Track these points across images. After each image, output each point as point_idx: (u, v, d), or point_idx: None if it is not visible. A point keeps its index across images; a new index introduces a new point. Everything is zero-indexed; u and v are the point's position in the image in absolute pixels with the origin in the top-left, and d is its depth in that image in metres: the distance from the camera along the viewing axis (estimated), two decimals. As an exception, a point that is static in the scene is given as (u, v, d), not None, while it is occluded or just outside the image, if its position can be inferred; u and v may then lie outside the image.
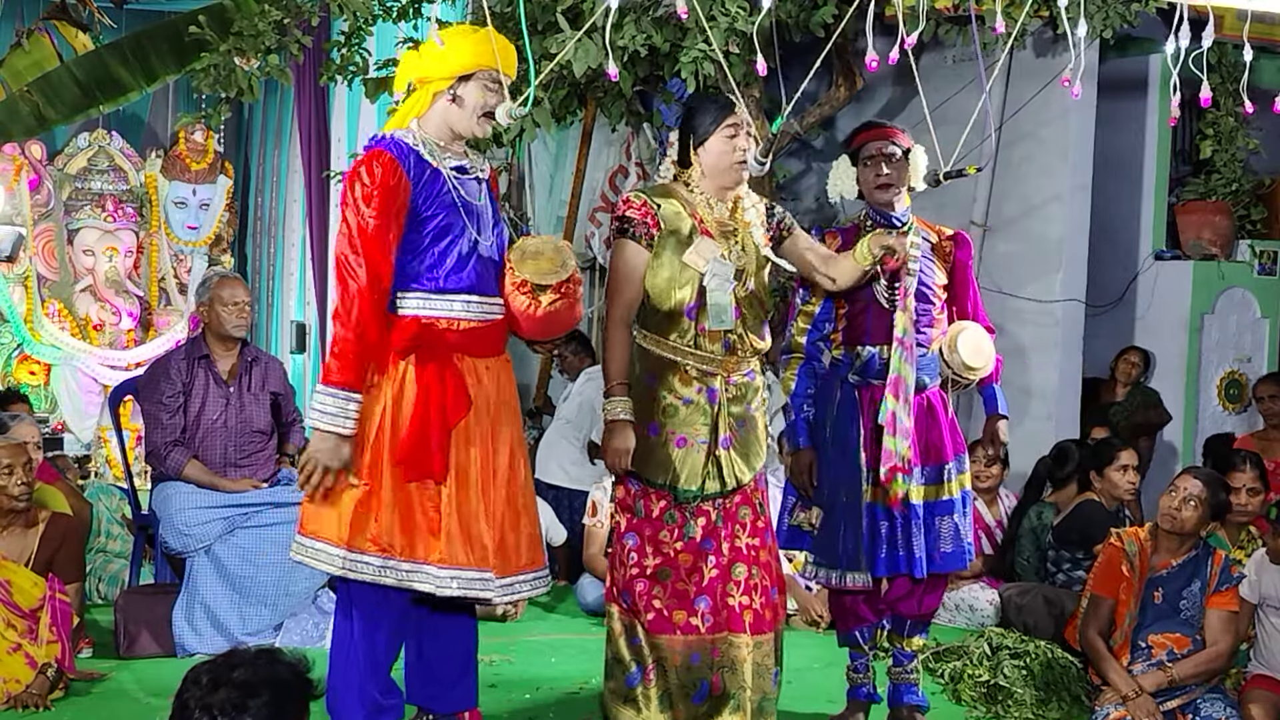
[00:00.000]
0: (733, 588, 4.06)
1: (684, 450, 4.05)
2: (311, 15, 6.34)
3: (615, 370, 4.06)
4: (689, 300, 4.05)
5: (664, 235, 4.05)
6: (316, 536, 3.77)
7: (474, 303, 3.82)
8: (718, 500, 4.08)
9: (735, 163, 4.08)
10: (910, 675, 4.57)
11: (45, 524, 4.93)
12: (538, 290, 3.81)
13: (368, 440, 3.74)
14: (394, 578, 3.73)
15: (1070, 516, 5.99)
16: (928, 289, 4.42)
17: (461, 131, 3.83)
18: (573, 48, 5.55)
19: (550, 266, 3.80)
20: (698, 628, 4.05)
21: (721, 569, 4.06)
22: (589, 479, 6.93)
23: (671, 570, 4.05)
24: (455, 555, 3.72)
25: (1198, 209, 8.33)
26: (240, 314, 5.61)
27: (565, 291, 3.84)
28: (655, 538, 4.08)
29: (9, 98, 6.68)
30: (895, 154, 4.37)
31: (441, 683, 4.05)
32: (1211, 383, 8.20)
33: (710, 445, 4.06)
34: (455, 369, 3.78)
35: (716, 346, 4.08)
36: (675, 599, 4.05)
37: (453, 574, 3.72)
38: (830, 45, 4.32)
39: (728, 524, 4.09)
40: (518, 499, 3.92)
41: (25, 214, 9.02)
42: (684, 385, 4.07)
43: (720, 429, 4.07)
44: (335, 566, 3.75)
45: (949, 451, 4.44)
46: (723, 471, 4.08)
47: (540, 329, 3.95)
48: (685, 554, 4.05)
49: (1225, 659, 4.69)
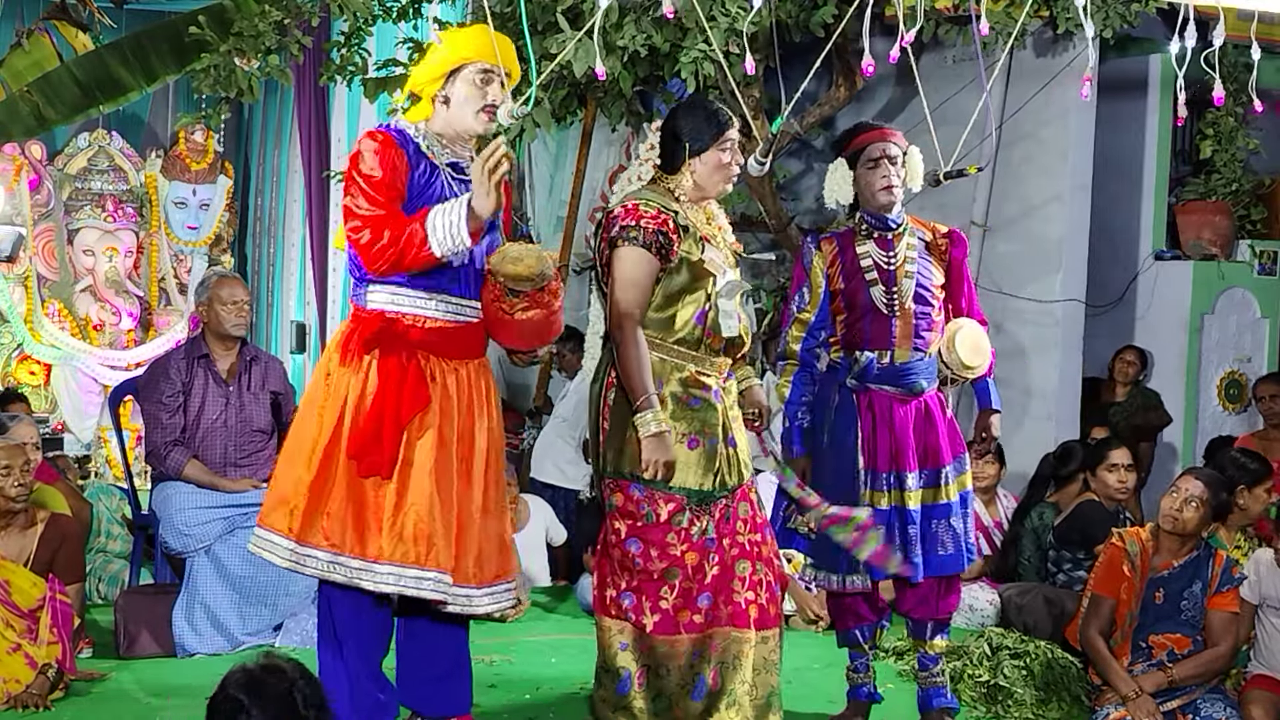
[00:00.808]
0: (737, 584, 4.06)
1: (696, 451, 4.03)
2: (311, 15, 6.34)
3: (644, 382, 3.92)
4: (699, 306, 4.04)
5: (683, 244, 4.00)
6: (269, 527, 3.77)
7: (444, 302, 3.81)
8: (722, 499, 4.07)
9: (730, 177, 4.09)
10: (937, 678, 4.56)
11: (44, 524, 4.93)
12: (510, 296, 3.78)
13: (325, 431, 3.73)
14: (342, 575, 3.72)
15: (1071, 517, 5.99)
16: (926, 291, 4.41)
17: (462, 129, 3.83)
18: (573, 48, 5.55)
19: (526, 273, 3.74)
20: (701, 625, 4.04)
21: (724, 566, 4.06)
22: (584, 478, 6.93)
23: (679, 570, 4.03)
24: (396, 552, 3.69)
25: (1198, 209, 8.33)
26: (239, 313, 5.61)
27: (539, 301, 3.80)
28: (662, 541, 4.02)
29: (9, 98, 6.68)
30: (897, 156, 4.36)
31: (429, 686, 4.04)
32: (1211, 383, 8.20)
33: (720, 444, 4.05)
34: (417, 366, 3.76)
35: (718, 349, 4.09)
36: (681, 599, 4.03)
37: (391, 570, 3.70)
38: (830, 45, 4.32)
39: (731, 521, 4.09)
40: (491, 504, 3.90)
41: (25, 214, 9.02)
42: (693, 387, 4.04)
43: (728, 428, 4.08)
44: (283, 559, 3.76)
45: (946, 455, 4.43)
46: (733, 469, 4.08)
47: (515, 337, 3.91)
48: (691, 553, 4.03)
49: (1226, 660, 4.69)
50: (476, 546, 3.86)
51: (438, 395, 3.78)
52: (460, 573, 3.80)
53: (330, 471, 3.74)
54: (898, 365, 4.37)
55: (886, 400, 4.38)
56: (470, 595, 3.85)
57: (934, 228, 4.55)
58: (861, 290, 4.37)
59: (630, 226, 3.97)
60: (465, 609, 3.86)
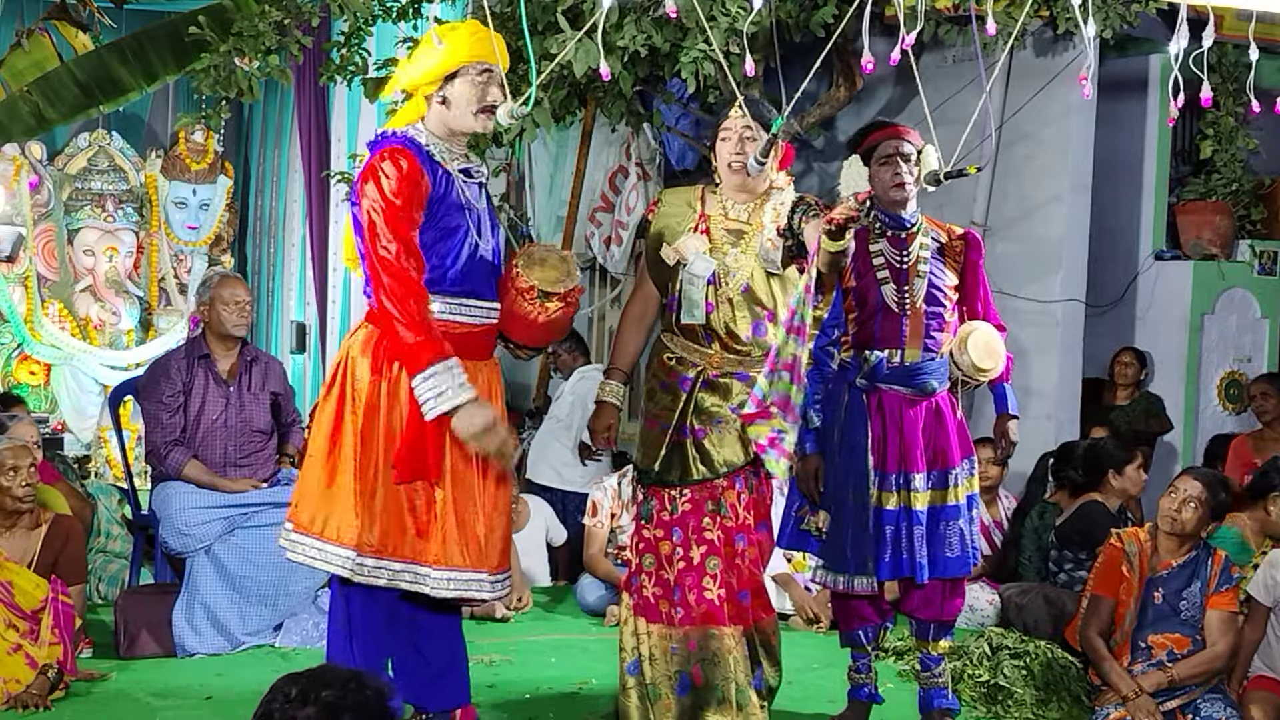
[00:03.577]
0: (709, 581, 4.15)
1: (654, 432, 4.25)
2: (311, 15, 6.34)
3: (616, 354, 4.43)
4: (671, 292, 4.26)
5: (655, 229, 4.28)
6: (325, 538, 3.76)
7: (471, 306, 3.83)
8: (683, 489, 4.18)
9: (727, 165, 4.20)
10: (939, 679, 4.55)
11: (48, 526, 4.93)
12: (543, 297, 3.84)
13: (359, 440, 3.74)
14: (385, 578, 3.75)
15: (1072, 517, 5.99)
16: (938, 292, 4.40)
17: (460, 129, 3.83)
18: (573, 48, 5.55)
19: (557, 275, 3.88)
20: (673, 618, 4.16)
21: (691, 562, 4.14)
22: (580, 480, 6.92)
23: (654, 557, 4.21)
24: (451, 556, 3.75)
25: (1198, 209, 8.32)
26: (240, 313, 5.61)
27: (570, 300, 3.91)
28: (639, 523, 4.28)
29: (9, 98, 6.68)
30: (910, 154, 4.36)
31: (432, 678, 4.06)
32: (1211, 383, 8.19)
33: (673, 433, 4.18)
34: None
35: (696, 338, 4.23)
36: (660, 587, 4.18)
37: (448, 575, 3.76)
38: (830, 45, 4.31)
39: (695, 516, 4.16)
40: (502, 500, 3.94)
41: (25, 214, 9.02)
42: (662, 372, 4.29)
43: (686, 418, 4.19)
44: (344, 568, 3.75)
45: (956, 456, 4.42)
46: (694, 462, 4.17)
47: (540, 335, 3.99)
48: (664, 541, 4.20)
49: (1225, 659, 4.69)
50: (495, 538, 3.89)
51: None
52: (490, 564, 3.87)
53: (369, 478, 3.74)
54: (908, 365, 4.36)
55: (896, 401, 4.38)
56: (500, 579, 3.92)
57: (950, 229, 4.54)
58: (873, 288, 4.37)
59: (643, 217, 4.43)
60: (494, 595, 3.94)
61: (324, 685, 2.31)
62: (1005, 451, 4.63)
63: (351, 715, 2.29)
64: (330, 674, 2.35)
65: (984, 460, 6.09)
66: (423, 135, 3.81)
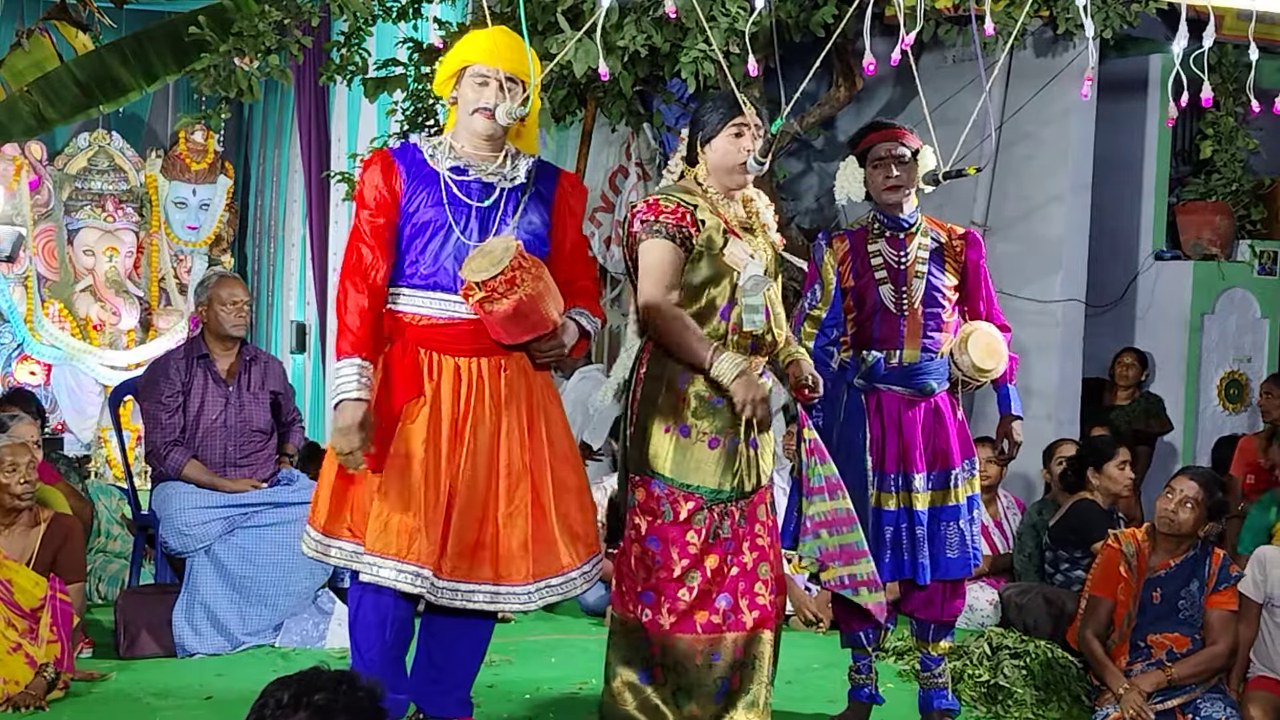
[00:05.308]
0: (760, 586, 4.04)
1: (716, 450, 4.00)
2: (311, 15, 6.35)
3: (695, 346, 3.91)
4: (723, 300, 4.00)
5: (701, 236, 3.98)
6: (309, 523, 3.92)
7: (434, 300, 3.84)
8: (741, 500, 4.04)
9: (738, 163, 4.03)
10: (939, 679, 4.55)
11: (47, 524, 4.94)
12: (475, 290, 3.74)
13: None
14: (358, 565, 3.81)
15: (1065, 515, 5.97)
16: (937, 292, 4.39)
17: (468, 130, 3.86)
18: (573, 48, 5.55)
19: (485, 264, 3.70)
20: (719, 626, 4.01)
21: (744, 568, 4.04)
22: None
23: (698, 571, 4.00)
24: (378, 544, 3.74)
25: (1198, 209, 8.33)
26: (239, 313, 5.62)
27: (495, 289, 3.69)
28: (681, 539, 3.99)
29: (9, 98, 6.69)
30: (905, 155, 4.34)
31: (435, 686, 4.06)
32: (1211, 383, 8.20)
33: (741, 445, 4.02)
34: (413, 358, 3.81)
35: (745, 346, 4.02)
36: (699, 600, 4.00)
37: (374, 561, 3.75)
38: (830, 45, 4.31)
39: (750, 523, 4.06)
40: (542, 499, 3.91)
41: (25, 214, 9.02)
42: (711, 387, 3.98)
43: (751, 430, 4.03)
44: (310, 549, 3.90)
45: (956, 457, 4.41)
46: (752, 471, 4.05)
47: (503, 331, 3.81)
48: (712, 555, 4.00)
49: (1224, 658, 4.69)
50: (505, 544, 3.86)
51: (431, 389, 3.81)
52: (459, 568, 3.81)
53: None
54: (906, 365, 4.36)
55: (895, 401, 4.37)
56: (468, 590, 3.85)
57: (950, 229, 4.53)
58: (871, 288, 4.36)
59: (651, 220, 3.98)
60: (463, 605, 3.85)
61: (315, 688, 2.30)
62: (1010, 452, 4.62)
63: (345, 717, 2.28)
64: (321, 676, 2.34)
65: (983, 460, 6.12)
66: (428, 139, 3.91)
